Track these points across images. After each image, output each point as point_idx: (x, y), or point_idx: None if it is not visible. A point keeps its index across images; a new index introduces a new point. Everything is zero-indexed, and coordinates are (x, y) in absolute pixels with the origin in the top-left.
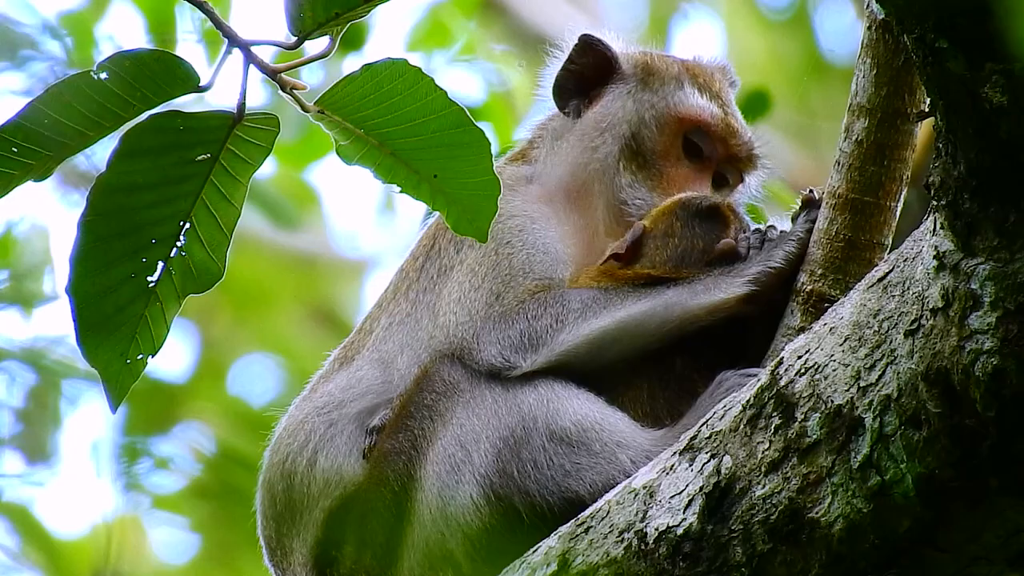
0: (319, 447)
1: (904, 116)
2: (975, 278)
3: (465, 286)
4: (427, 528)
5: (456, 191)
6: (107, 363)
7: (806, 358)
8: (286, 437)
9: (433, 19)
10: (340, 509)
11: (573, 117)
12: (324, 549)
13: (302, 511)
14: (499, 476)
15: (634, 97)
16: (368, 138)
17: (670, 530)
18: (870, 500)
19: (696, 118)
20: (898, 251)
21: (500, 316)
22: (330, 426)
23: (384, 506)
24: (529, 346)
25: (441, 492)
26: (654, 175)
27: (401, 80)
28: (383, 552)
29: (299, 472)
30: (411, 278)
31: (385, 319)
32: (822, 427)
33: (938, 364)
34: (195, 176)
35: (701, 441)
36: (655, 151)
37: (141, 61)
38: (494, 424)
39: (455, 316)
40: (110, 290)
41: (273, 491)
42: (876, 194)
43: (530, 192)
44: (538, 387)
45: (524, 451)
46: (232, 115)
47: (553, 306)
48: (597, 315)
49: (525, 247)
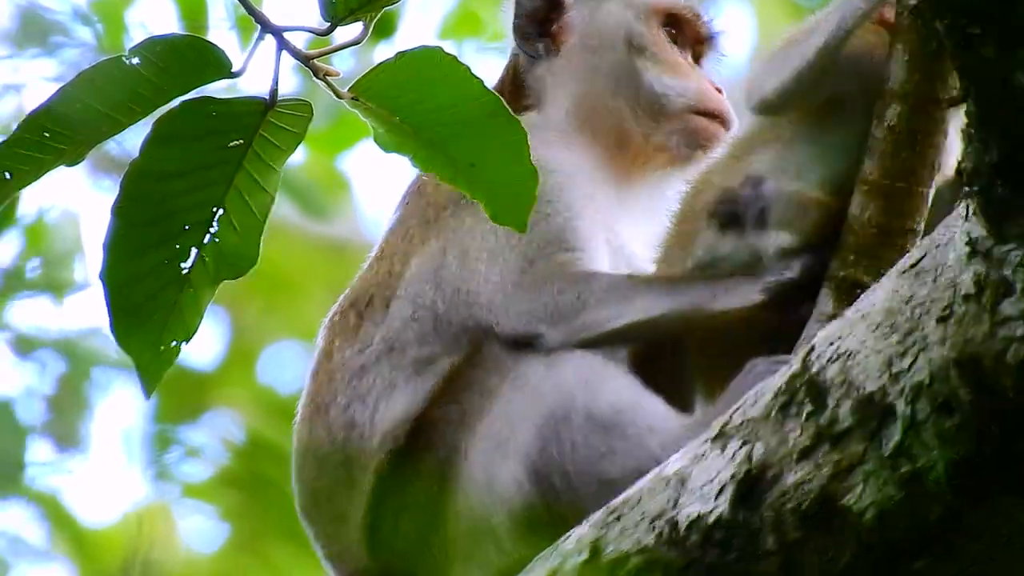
0: (380, 398)
1: (936, 102)
2: (1007, 264)
3: (501, 239)
4: (471, 500)
5: (494, 180)
6: (140, 350)
7: (838, 345)
8: (344, 381)
9: (463, 6)
10: (392, 465)
11: (549, 57)
12: (377, 505)
13: (360, 464)
14: (540, 455)
15: (604, 10)
16: (404, 126)
17: (701, 518)
18: (902, 487)
19: (667, 5)
20: (930, 237)
21: (531, 285)
22: (392, 371)
23: (429, 473)
24: (552, 321)
25: (486, 466)
26: (663, 64)
27: (436, 68)
28: (425, 519)
29: (359, 422)
30: (442, 217)
31: (415, 261)
32: (854, 414)
33: (970, 351)
34: (228, 162)
35: (732, 428)
36: (653, 43)
37: (173, 47)
38: (537, 403)
39: (485, 269)
40: (143, 277)
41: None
42: (908, 180)
43: (549, 140)
44: (579, 365)
45: (564, 431)
46: (265, 101)
47: (579, 284)
48: (619, 305)
49: (563, 209)
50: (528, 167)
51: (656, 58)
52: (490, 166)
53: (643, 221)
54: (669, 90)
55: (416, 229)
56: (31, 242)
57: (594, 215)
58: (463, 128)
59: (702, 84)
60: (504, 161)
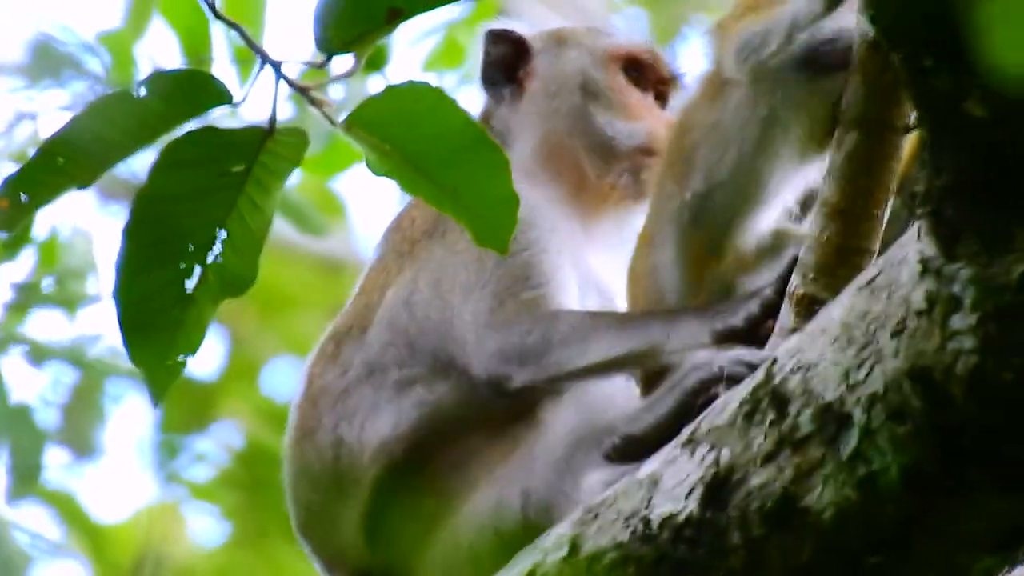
0: (367, 416)
1: (892, 129)
2: (957, 282)
3: (472, 273)
4: (460, 510)
5: (477, 205)
6: (149, 363)
7: (799, 357)
8: (328, 404)
9: (448, 40)
10: (387, 478)
11: (512, 103)
12: (372, 513)
13: (352, 478)
14: (543, 486)
15: (565, 57)
16: (394, 153)
17: (672, 516)
18: (858, 489)
19: (626, 49)
20: (885, 256)
21: (501, 325)
22: (375, 392)
23: (420, 485)
24: (520, 362)
25: (490, 505)
26: (616, 107)
27: (423, 100)
28: (417, 524)
29: (348, 440)
30: (416, 249)
31: (391, 291)
32: (814, 422)
33: (922, 363)
34: (229, 187)
35: (701, 435)
36: (609, 87)
37: (178, 79)
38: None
39: (458, 302)
40: (152, 295)
41: (323, 459)
42: (865, 203)
43: (516, 178)
44: (577, 406)
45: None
46: (264, 129)
47: (544, 325)
48: (580, 345)
49: (530, 244)
50: (509, 192)
51: (610, 102)
52: (473, 190)
53: (608, 252)
54: (618, 132)
55: (392, 262)
56: (45, 259)
57: (560, 248)
58: (448, 155)
59: (654, 124)
60: (486, 186)
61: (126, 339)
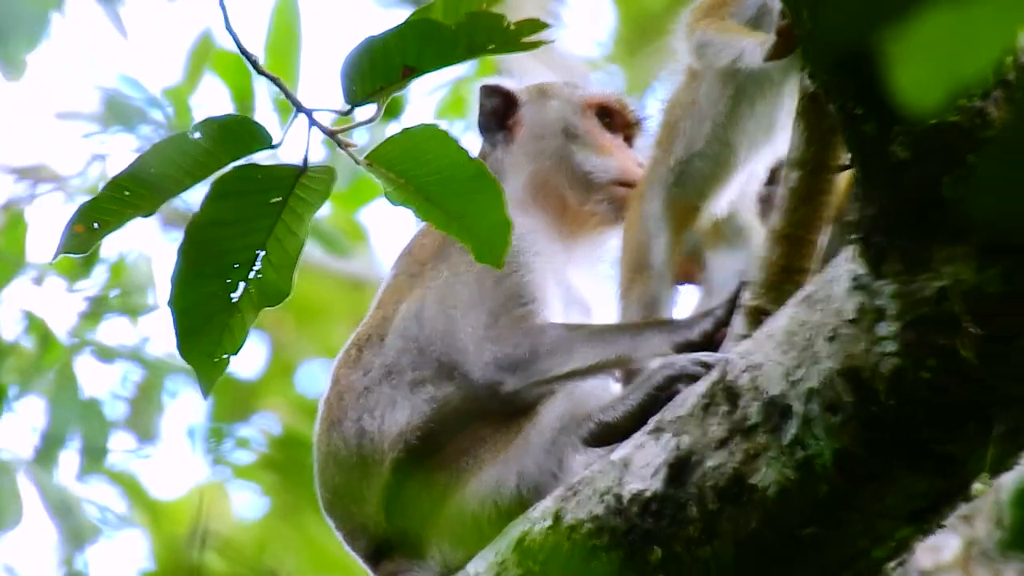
0: (386, 410)
1: (829, 168)
2: (882, 296)
3: (472, 292)
4: (467, 489)
5: (477, 228)
6: (199, 361)
7: (749, 359)
8: (352, 400)
9: (455, 93)
10: (403, 461)
11: (504, 146)
12: (390, 491)
13: (373, 462)
14: (534, 467)
15: (548, 107)
16: (408, 186)
17: (640, 493)
18: (797, 470)
19: (599, 99)
20: (821, 274)
21: (496, 338)
22: (392, 390)
23: (432, 466)
24: (511, 370)
25: (491, 483)
26: (592, 147)
27: (433, 141)
28: (429, 499)
29: (369, 430)
30: (424, 270)
31: (404, 306)
32: (760, 413)
33: (852, 364)
34: (268, 215)
35: (665, 424)
36: (586, 131)
37: (226, 124)
38: (537, 441)
39: (460, 316)
40: (201, 304)
41: (348, 446)
42: (806, 230)
43: (508, 210)
44: (565, 400)
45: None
46: (298, 167)
47: (532, 338)
48: (563, 355)
49: (520, 267)
50: (504, 217)
51: (587, 142)
52: (474, 216)
53: (588, 270)
54: (595, 168)
55: (405, 281)
56: (113, 276)
57: (546, 268)
58: (453, 187)
59: (624, 161)
60: (485, 212)
61: (180, 341)
